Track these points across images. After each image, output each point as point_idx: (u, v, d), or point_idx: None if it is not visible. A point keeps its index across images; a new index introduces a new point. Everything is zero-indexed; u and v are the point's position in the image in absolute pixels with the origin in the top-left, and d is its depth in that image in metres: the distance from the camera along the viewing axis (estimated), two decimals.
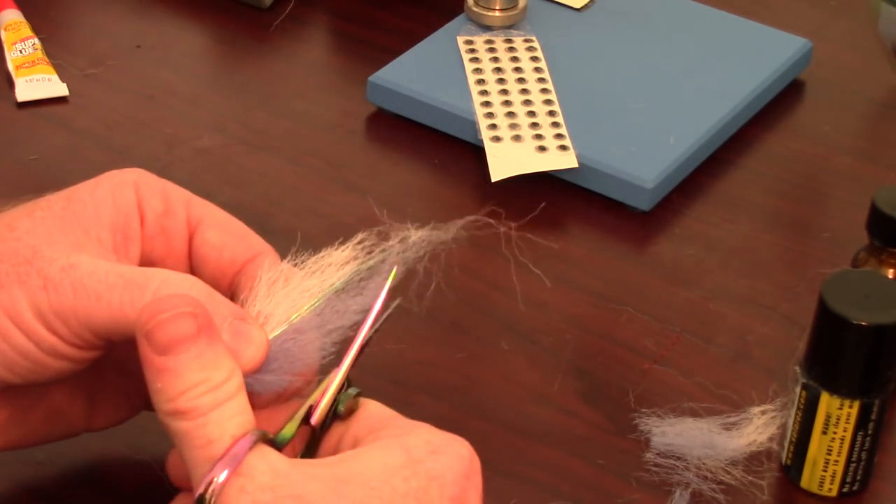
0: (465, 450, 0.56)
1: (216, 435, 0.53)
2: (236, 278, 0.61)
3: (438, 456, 0.55)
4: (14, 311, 0.57)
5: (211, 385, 0.54)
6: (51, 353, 0.57)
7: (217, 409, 0.53)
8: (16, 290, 0.57)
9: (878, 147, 0.90)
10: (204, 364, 0.54)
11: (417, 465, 0.54)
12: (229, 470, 0.52)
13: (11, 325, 0.57)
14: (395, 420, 0.57)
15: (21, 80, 0.90)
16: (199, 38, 0.97)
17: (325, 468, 0.54)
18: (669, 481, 0.68)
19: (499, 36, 0.93)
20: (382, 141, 0.89)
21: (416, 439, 0.55)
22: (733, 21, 0.96)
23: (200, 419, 0.53)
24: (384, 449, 0.55)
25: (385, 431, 0.56)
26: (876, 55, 0.95)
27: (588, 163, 0.84)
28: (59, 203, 0.60)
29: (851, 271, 0.71)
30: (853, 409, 0.65)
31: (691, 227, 0.83)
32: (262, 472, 0.52)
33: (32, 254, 0.57)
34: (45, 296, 0.56)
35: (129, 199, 0.61)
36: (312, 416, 0.57)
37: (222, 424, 0.53)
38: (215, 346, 0.54)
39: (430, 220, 0.83)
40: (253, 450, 0.53)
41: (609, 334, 0.76)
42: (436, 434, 0.56)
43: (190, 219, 0.62)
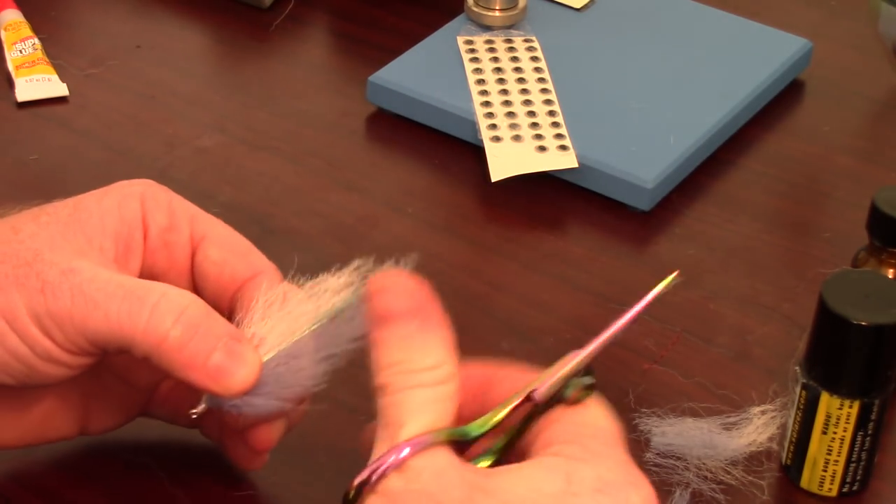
0: (637, 498, 0.52)
1: (401, 419, 0.52)
2: (236, 295, 0.61)
3: (600, 497, 0.51)
4: (11, 313, 0.57)
5: (409, 367, 0.53)
6: (45, 358, 0.57)
7: (408, 392, 0.52)
8: (13, 292, 0.57)
9: (878, 147, 0.90)
10: (408, 346, 0.53)
11: (570, 498, 0.51)
12: (391, 464, 0.51)
13: (7, 328, 0.57)
14: (590, 441, 0.53)
15: (21, 80, 0.90)
16: (199, 38, 0.98)
17: (477, 476, 0.52)
18: (669, 481, 0.68)
19: (499, 36, 0.93)
20: (382, 141, 0.89)
21: (587, 469, 0.52)
22: (733, 21, 0.96)
23: (391, 397, 0.52)
24: (546, 469, 0.52)
25: (569, 449, 0.53)
26: (876, 55, 0.95)
27: (588, 163, 0.84)
28: (65, 210, 0.60)
29: (851, 271, 0.71)
30: (853, 409, 0.65)
31: (691, 227, 0.83)
32: (417, 467, 0.51)
33: (33, 256, 0.57)
34: (43, 299, 0.56)
35: (134, 211, 0.61)
36: (536, 392, 0.55)
37: (411, 410, 0.52)
38: (427, 332, 0.54)
39: (429, 220, 0.83)
40: (427, 449, 0.51)
41: None
42: (615, 471, 0.52)
43: (193, 234, 0.61)
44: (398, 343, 0.53)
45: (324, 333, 0.59)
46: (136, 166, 0.85)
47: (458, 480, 0.51)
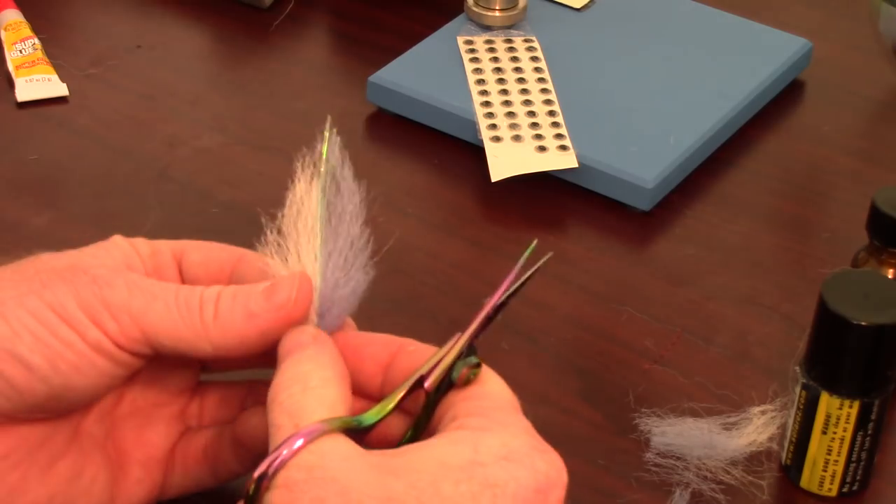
0: (544, 464, 0.52)
1: (294, 411, 0.54)
2: (231, 280, 0.61)
3: (507, 464, 0.52)
4: (59, 305, 0.57)
5: (300, 372, 0.55)
6: (95, 348, 0.57)
7: (298, 388, 0.54)
8: (60, 287, 0.57)
9: (878, 147, 0.90)
10: (300, 360, 0.56)
11: (477, 468, 0.51)
12: (286, 456, 0.52)
13: (57, 319, 0.57)
14: (493, 412, 0.55)
15: (21, 80, 0.90)
16: (199, 38, 0.98)
17: (382, 458, 0.52)
18: (669, 481, 0.68)
19: (499, 36, 0.93)
20: (382, 141, 0.89)
21: (492, 438, 0.53)
22: (733, 21, 0.96)
23: (282, 396, 0.54)
24: (452, 443, 0.52)
25: (473, 420, 0.54)
26: (876, 55, 0.95)
27: (588, 163, 0.84)
28: (67, 253, 0.61)
29: (851, 271, 0.71)
30: (853, 409, 0.65)
31: (691, 227, 0.83)
32: (314, 454, 0.52)
33: (71, 264, 0.58)
34: (97, 289, 0.57)
35: (126, 245, 0.62)
36: (426, 381, 0.56)
37: (303, 403, 0.54)
38: (318, 348, 0.57)
39: (429, 220, 0.83)
40: (322, 437, 0.52)
41: (609, 334, 0.76)
42: (520, 438, 0.53)
43: (174, 251, 0.63)
44: (290, 362, 0.56)
45: (330, 234, 0.60)
46: (136, 166, 0.85)
47: (363, 464, 0.52)
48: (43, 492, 0.61)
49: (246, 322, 0.58)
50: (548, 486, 0.52)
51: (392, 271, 0.79)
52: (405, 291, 0.78)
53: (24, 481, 0.60)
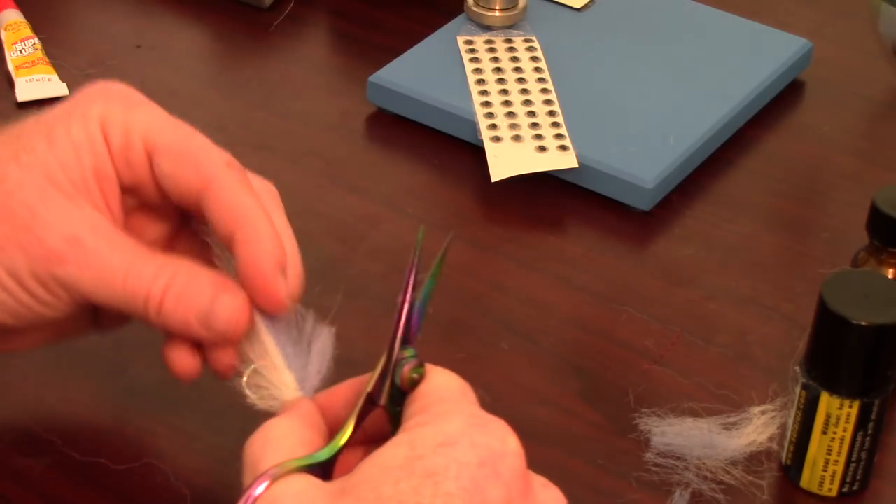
0: (483, 437, 0.52)
1: (255, 460, 0.55)
2: (199, 206, 0.62)
3: (443, 449, 0.51)
4: (14, 271, 0.60)
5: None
6: (50, 307, 0.61)
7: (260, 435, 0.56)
8: (17, 255, 0.59)
9: (878, 147, 0.90)
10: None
11: (415, 462, 0.51)
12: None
13: (12, 282, 0.60)
14: (436, 405, 0.54)
15: (21, 80, 0.90)
16: (199, 38, 0.98)
17: (336, 483, 0.53)
18: (669, 481, 0.68)
19: (499, 36, 0.93)
20: (382, 141, 0.89)
21: (428, 430, 0.52)
22: (733, 21, 0.96)
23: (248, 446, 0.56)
24: (391, 446, 0.52)
25: (413, 419, 0.54)
26: (876, 55, 0.95)
27: (588, 163, 0.84)
28: (40, 142, 0.61)
29: (851, 271, 0.71)
30: (853, 409, 0.65)
31: (691, 227, 0.83)
32: (273, 494, 0.53)
33: (31, 218, 0.59)
34: (47, 264, 0.59)
35: (98, 137, 0.62)
36: (378, 398, 0.56)
37: (265, 451, 0.55)
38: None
39: (429, 220, 0.83)
40: (278, 480, 0.53)
41: (609, 334, 0.76)
42: (456, 421, 0.52)
43: (147, 147, 0.62)
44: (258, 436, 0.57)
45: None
46: None
47: (316, 494, 0.52)
48: (29, 340, 0.65)
49: (182, 328, 0.61)
50: (492, 458, 0.51)
51: (392, 271, 0.79)
52: None
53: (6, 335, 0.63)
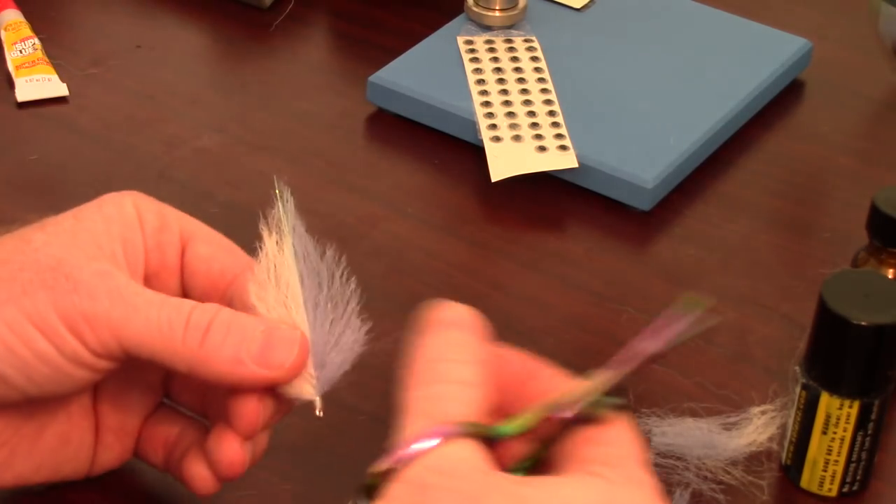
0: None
1: (430, 408, 0.50)
2: (228, 291, 0.60)
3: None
4: (38, 315, 0.56)
5: (443, 361, 0.52)
6: (72, 360, 0.57)
7: (439, 384, 0.51)
8: (40, 294, 0.56)
9: (878, 147, 0.90)
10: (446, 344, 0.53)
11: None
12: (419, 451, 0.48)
13: (34, 330, 0.56)
14: (624, 464, 0.52)
15: (21, 80, 0.90)
16: (199, 38, 0.98)
17: (513, 484, 0.49)
18: (669, 481, 0.67)
19: (499, 36, 0.93)
20: (382, 141, 0.89)
21: (623, 491, 0.50)
22: (733, 21, 0.96)
23: (420, 388, 0.51)
24: (585, 487, 0.50)
25: (604, 469, 0.51)
26: (876, 55, 0.95)
27: (588, 163, 0.84)
28: (67, 220, 0.60)
29: (851, 271, 0.71)
30: (853, 409, 0.65)
31: (691, 227, 0.83)
32: (450, 459, 0.49)
33: (56, 262, 0.57)
34: (77, 299, 0.56)
35: (131, 214, 0.61)
36: (568, 410, 0.53)
37: (442, 399, 0.51)
38: (465, 335, 0.54)
39: (429, 220, 0.83)
40: (457, 440, 0.49)
41: (609, 334, 0.76)
42: (648, 498, 0.51)
43: (183, 233, 0.62)
44: (437, 341, 0.52)
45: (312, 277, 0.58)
46: (136, 166, 0.85)
47: (496, 483, 0.49)
48: (30, 463, 0.61)
49: (231, 365, 0.56)
50: None
51: (392, 271, 0.79)
52: (405, 291, 0.78)
53: (10, 457, 0.60)
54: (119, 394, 0.63)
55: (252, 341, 0.56)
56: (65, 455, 0.62)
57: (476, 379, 0.52)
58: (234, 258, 0.61)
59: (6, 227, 0.61)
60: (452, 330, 0.53)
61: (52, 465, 0.62)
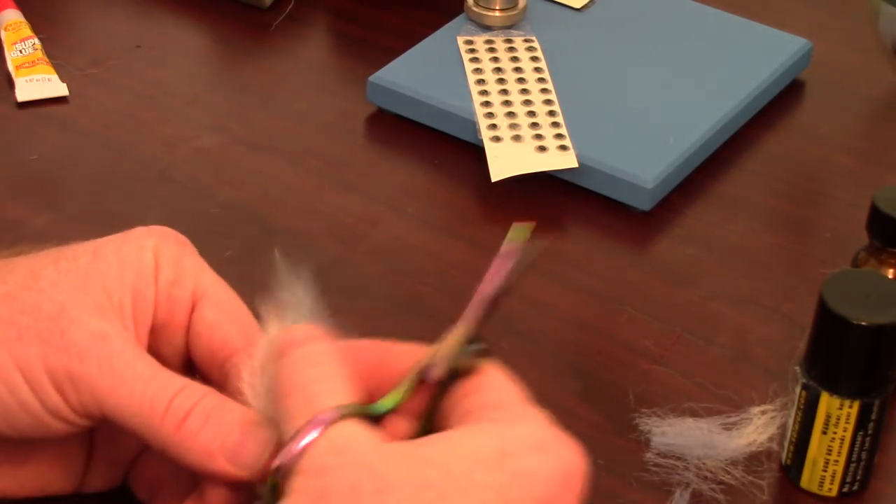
0: (570, 453, 0.53)
1: (308, 398, 0.53)
2: (226, 365, 0.60)
3: (535, 454, 0.52)
4: (27, 364, 0.56)
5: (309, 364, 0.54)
6: (52, 413, 0.57)
7: (310, 380, 0.54)
8: (33, 346, 0.56)
9: (878, 147, 0.90)
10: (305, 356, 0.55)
11: (507, 458, 0.51)
12: (310, 441, 0.51)
13: (21, 379, 0.56)
14: (510, 404, 0.54)
15: (21, 80, 0.90)
16: (199, 38, 0.97)
17: (409, 447, 0.52)
18: (669, 481, 0.68)
19: (499, 36, 0.93)
20: (382, 141, 0.89)
21: (518, 429, 0.52)
22: (733, 21, 0.96)
23: (293, 387, 0.54)
24: (478, 434, 0.52)
25: (493, 413, 0.53)
26: (876, 55, 0.95)
27: (588, 163, 0.84)
28: (84, 256, 0.59)
29: (851, 271, 0.71)
30: (853, 409, 0.65)
31: (691, 227, 0.83)
32: (340, 439, 0.51)
33: (58, 312, 0.57)
34: (66, 359, 0.56)
35: (149, 264, 0.60)
36: (433, 371, 0.55)
37: (317, 391, 0.53)
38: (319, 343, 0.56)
39: (429, 220, 0.83)
40: (341, 421, 0.51)
41: (609, 334, 0.76)
42: (544, 430, 0.53)
43: (196, 291, 0.61)
44: (294, 358, 0.55)
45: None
46: (136, 166, 0.85)
47: (393, 450, 0.51)
48: (13, 483, 0.61)
49: (202, 456, 0.56)
50: (574, 476, 0.53)
51: (392, 271, 0.79)
52: (405, 291, 0.78)
53: None
54: (117, 428, 0.63)
55: (227, 435, 0.56)
56: (51, 476, 0.62)
57: (339, 372, 0.54)
58: (239, 329, 0.61)
59: (24, 247, 0.61)
60: (303, 346, 0.55)
61: (38, 484, 0.62)
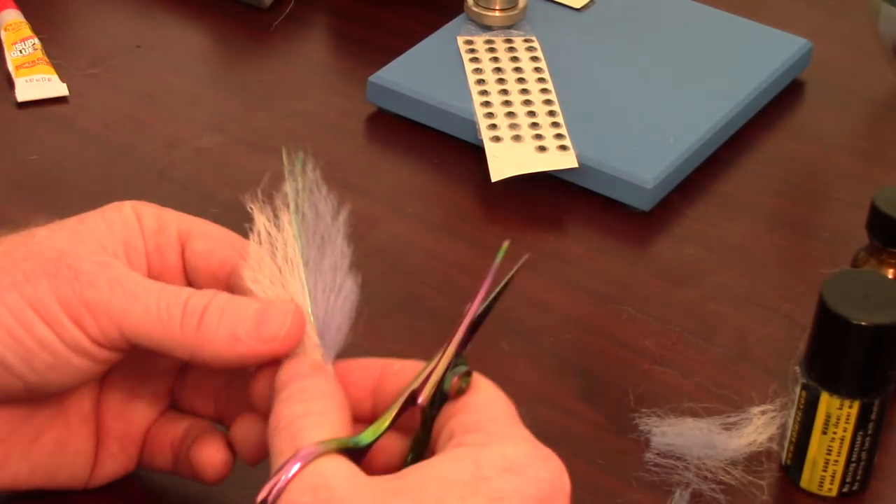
0: (547, 472, 0.53)
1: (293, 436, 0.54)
2: (230, 281, 0.61)
3: (510, 476, 0.52)
4: (39, 302, 0.57)
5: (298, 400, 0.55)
6: (73, 348, 0.57)
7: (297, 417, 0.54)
8: (42, 282, 0.57)
9: (878, 147, 0.90)
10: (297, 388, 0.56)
11: (481, 483, 0.51)
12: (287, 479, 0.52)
13: (35, 316, 0.57)
14: (490, 424, 0.54)
15: (21, 80, 0.90)
16: (199, 38, 0.98)
17: (383, 480, 0.52)
18: (669, 481, 0.68)
19: (499, 36, 0.93)
20: (382, 141, 0.89)
21: (493, 452, 0.52)
22: (733, 21, 0.96)
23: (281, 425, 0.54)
24: (454, 460, 0.52)
25: (472, 437, 0.53)
26: (876, 55, 0.95)
27: (588, 163, 0.84)
28: (70, 221, 0.60)
29: (851, 271, 0.71)
30: (853, 409, 0.65)
31: (691, 227, 0.83)
32: (314, 477, 0.52)
33: (58, 254, 0.58)
34: (78, 287, 0.57)
35: (132, 219, 0.61)
36: (419, 397, 0.55)
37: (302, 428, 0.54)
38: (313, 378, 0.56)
39: (429, 220, 0.83)
40: (320, 458, 0.52)
41: (609, 334, 0.76)
42: (521, 448, 0.53)
43: (181, 233, 0.62)
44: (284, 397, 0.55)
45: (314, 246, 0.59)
46: (136, 166, 0.85)
47: (367, 485, 0.52)
48: (25, 465, 0.61)
49: (228, 344, 0.57)
50: (552, 494, 0.53)
51: (392, 271, 0.79)
52: (405, 291, 0.78)
53: (6, 457, 0.60)
54: (124, 403, 0.64)
55: (247, 318, 0.57)
56: (61, 460, 0.62)
57: (328, 406, 0.55)
58: (232, 248, 0.62)
59: (10, 228, 0.61)
60: (293, 382, 0.56)
61: (48, 469, 0.62)
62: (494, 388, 0.56)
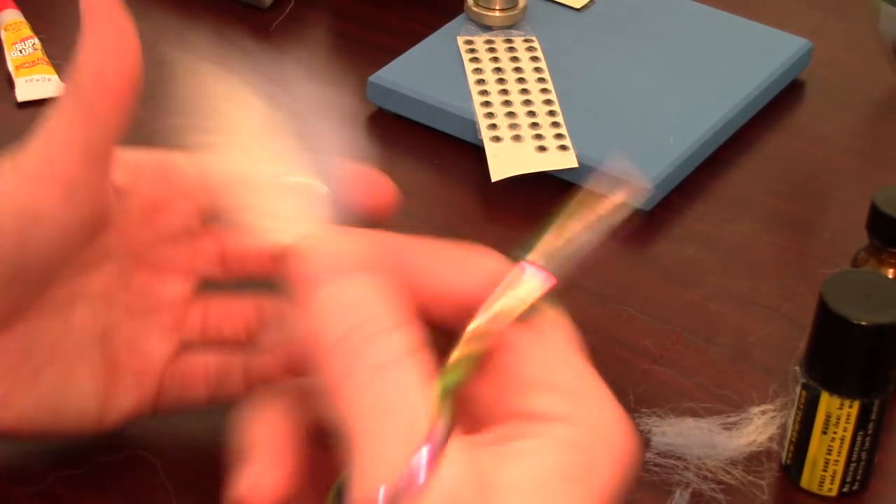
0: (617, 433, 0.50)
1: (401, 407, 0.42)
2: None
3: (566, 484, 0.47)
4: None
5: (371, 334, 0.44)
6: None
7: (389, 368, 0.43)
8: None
9: (878, 147, 0.90)
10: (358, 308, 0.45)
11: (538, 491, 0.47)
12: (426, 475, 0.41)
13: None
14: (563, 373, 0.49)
15: (21, 80, 0.90)
16: (199, 38, 0.97)
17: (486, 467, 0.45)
18: (669, 481, 0.68)
19: (499, 36, 0.93)
20: (382, 141, 0.89)
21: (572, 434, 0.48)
22: (733, 21, 0.96)
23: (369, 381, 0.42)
24: (544, 453, 0.47)
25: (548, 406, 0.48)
26: (876, 55, 0.95)
27: (588, 163, 0.84)
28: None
29: (851, 271, 0.71)
30: (853, 409, 0.65)
31: (691, 227, 0.83)
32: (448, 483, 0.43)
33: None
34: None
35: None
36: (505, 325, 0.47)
37: (406, 391, 0.42)
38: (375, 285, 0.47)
39: (429, 220, 0.83)
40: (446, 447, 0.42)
41: (609, 334, 0.76)
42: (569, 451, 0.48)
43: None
44: (343, 309, 0.44)
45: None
46: None
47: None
48: (28, 403, 0.59)
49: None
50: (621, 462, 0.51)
51: None
52: None
53: (7, 396, 0.59)
54: (133, 337, 0.62)
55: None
56: (67, 394, 0.60)
57: (404, 321, 0.44)
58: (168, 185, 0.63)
59: None
60: (347, 289, 0.45)
61: (54, 405, 0.60)
62: (564, 326, 0.51)
